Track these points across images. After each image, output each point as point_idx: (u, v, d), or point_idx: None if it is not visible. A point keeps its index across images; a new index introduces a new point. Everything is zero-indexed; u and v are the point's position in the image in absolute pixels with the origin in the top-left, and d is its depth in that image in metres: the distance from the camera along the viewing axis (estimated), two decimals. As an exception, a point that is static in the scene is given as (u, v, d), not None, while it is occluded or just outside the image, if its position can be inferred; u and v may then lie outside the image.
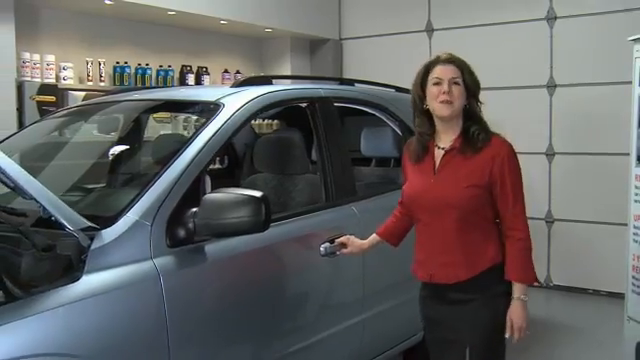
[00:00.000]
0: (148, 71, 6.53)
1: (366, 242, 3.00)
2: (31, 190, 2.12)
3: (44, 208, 2.17)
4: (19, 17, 5.37)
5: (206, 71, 7.11)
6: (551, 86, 6.63)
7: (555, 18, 6.59)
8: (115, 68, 6.32)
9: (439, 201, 2.59)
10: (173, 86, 6.63)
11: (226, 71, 7.40)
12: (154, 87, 6.07)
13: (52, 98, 5.60)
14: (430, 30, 7.37)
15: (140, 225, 2.37)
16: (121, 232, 2.32)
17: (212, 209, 2.43)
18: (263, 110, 3.09)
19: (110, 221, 2.36)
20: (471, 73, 2.64)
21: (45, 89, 5.58)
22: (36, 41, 5.72)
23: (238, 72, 7.52)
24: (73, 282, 2.17)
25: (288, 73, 7.76)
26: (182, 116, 4.61)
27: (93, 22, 6.17)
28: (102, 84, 6.16)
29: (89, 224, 2.24)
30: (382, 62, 7.47)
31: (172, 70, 6.79)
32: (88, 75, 6.07)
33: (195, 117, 3.96)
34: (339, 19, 8.13)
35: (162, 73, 6.69)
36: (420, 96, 2.66)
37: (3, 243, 2.23)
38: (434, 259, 2.64)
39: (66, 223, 2.16)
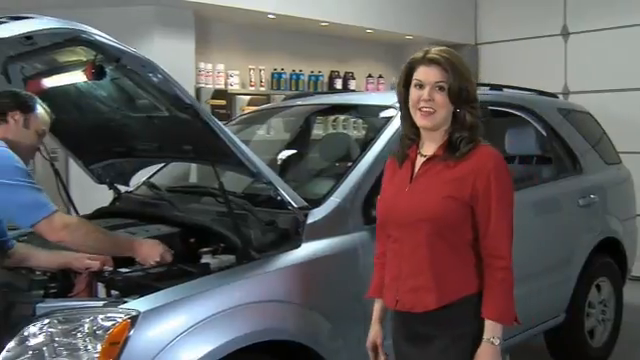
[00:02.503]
0: (301, 76, 7.22)
1: (379, 328, 2.47)
2: (268, 175, 2.76)
3: (275, 189, 2.79)
4: (196, 31, 6.18)
5: (352, 76, 7.72)
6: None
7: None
8: (273, 74, 7.05)
9: (411, 212, 2.23)
10: (324, 90, 7.29)
11: (370, 76, 7.98)
12: (330, 92, 6.68)
13: (223, 102, 6.40)
14: (566, 34, 7.62)
15: (342, 206, 2.96)
16: (328, 211, 2.92)
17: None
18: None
19: (317, 203, 2.97)
20: (460, 76, 2.20)
21: (217, 94, 6.38)
22: (209, 52, 6.52)
23: (380, 76, 8.08)
24: (295, 248, 2.79)
25: (426, 77, 8.23)
26: (351, 118, 5.21)
27: (255, 34, 6.92)
28: (262, 89, 6.91)
29: (305, 204, 2.85)
30: (517, 66, 7.78)
31: (322, 75, 7.46)
32: (250, 81, 6.83)
33: (361, 119, 4.51)
34: (475, 25, 8.51)
35: (313, 78, 7.37)
36: (403, 97, 2.29)
37: (234, 219, 2.87)
38: (402, 282, 2.26)
39: (292, 202, 2.79)
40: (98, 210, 3.65)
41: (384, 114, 3.53)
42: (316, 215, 2.89)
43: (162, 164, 4.03)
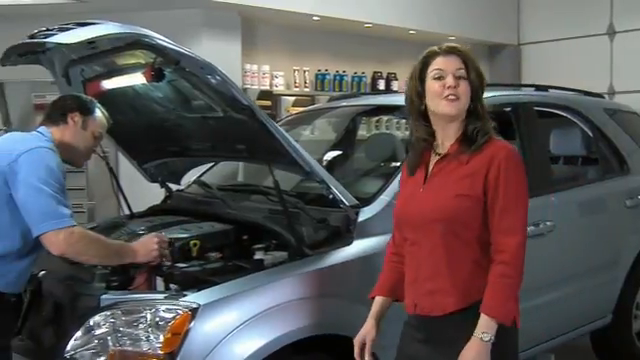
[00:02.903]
0: (345, 77, 7.30)
1: (373, 323, 2.36)
2: (321, 174, 2.84)
3: (327, 188, 2.87)
4: (242, 33, 6.30)
5: (395, 77, 7.77)
6: None
7: None
8: (317, 75, 7.15)
9: (424, 213, 2.18)
10: (366, 91, 7.35)
11: (412, 76, 8.02)
12: (374, 93, 6.73)
13: (268, 102, 6.51)
14: (612, 33, 7.56)
15: (391, 204, 3.01)
16: (378, 209, 2.99)
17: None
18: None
19: (367, 201, 3.03)
20: (476, 68, 2.19)
21: (263, 95, 6.49)
22: (255, 53, 6.64)
23: (422, 77, 8.10)
24: (347, 245, 2.86)
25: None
26: (394, 119, 5.27)
27: (299, 35, 7.01)
28: (306, 89, 7.01)
29: (357, 202, 2.92)
30: (561, 67, 7.75)
31: (365, 76, 7.52)
32: (295, 82, 6.93)
33: (405, 119, 4.56)
34: (518, 25, 8.49)
35: (356, 79, 7.44)
36: (419, 92, 2.20)
37: (288, 217, 2.96)
38: (420, 286, 2.21)
39: (344, 200, 2.86)
40: (151, 208, 3.76)
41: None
42: (367, 213, 2.96)
43: (211, 164, 4.13)
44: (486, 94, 3.84)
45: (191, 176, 4.10)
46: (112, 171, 3.51)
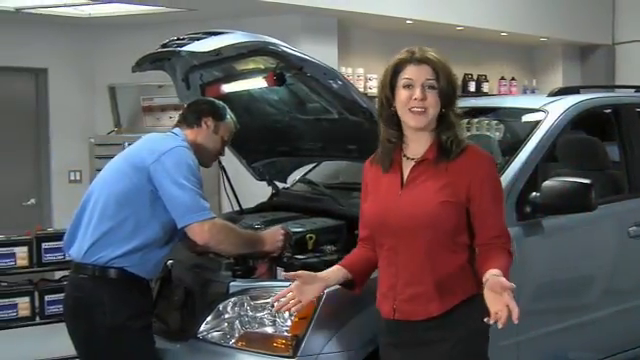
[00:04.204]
0: (436, 80, 7.39)
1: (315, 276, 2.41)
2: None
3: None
4: (338, 37, 6.51)
5: (485, 79, 7.82)
6: None
7: None
8: (409, 78, 7.26)
9: (408, 220, 2.21)
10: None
11: (502, 78, 8.05)
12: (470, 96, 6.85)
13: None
14: None
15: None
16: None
17: (551, 192, 3.13)
18: (580, 116, 3.72)
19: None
20: (448, 77, 2.24)
21: (362, 97, 6.65)
22: (349, 57, 6.83)
23: (513, 79, 8.12)
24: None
25: (560, 80, 8.21)
26: (491, 121, 5.34)
27: (393, 39, 7.14)
28: (399, 92, 7.13)
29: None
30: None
31: (456, 79, 7.58)
32: (387, 84, 7.07)
33: (503, 122, 4.64)
34: (612, 24, 8.36)
35: (447, 81, 7.51)
36: (389, 98, 2.27)
37: None
38: (400, 291, 2.25)
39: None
40: (260, 204, 3.98)
41: (532, 116, 3.68)
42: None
43: (314, 164, 4.30)
44: (585, 96, 3.95)
45: (294, 175, 4.30)
46: (224, 169, 3.70)
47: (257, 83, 3.29)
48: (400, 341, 2.28)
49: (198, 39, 2.94)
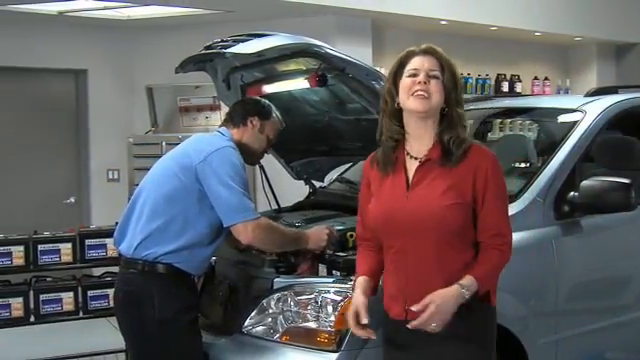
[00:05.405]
0: (469, 80, 7.42)
1: (360, 292, 2.37)
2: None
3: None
4: (372, 38, 6.55)
5: (518, 79, 7.82)
6: None
7: None
8: (442, 78, 7.29)
9: (416, 221, 2.22)
10: (491, 93, 7.44)
11: (536, 78, 8.03)
12: (506, 96, 6.86)
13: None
14: None
15: (536, 202, 3.17)
16: (524, 205, 3.14)
17: (589, 192, 3.15)
18: (619, 116, 3.73)
19: (512, 198, 3.19)
20: (453, 73, 2.27)
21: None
22: (383, 57, 6.87)
23: (546, 79, 8.10)
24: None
25: (594, 80, 8.17)
26: (525, 121, 5.35)
27: (426, 39, 7.11)
28: (432, 92, 7.16)
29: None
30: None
31: (489, 79, 7.61)
32: (421, 84, 7.10)
33: (538, 122, 4.65)
34: (648, 23, 8.31)
35: (480, 81, 7.54)
36: (392, 91, 2.31)
37: None
38: (411, 292, 2.25)
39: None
40: (299, 203, 4.04)
41: (570, 117, 3.70)
42: (513, 209, 3.11)
43: (350, 163, 4.35)
44: (623, 96, 3.95)
45: (330, 175, 4.35)
46: (262, 168, 3.74)
47: (299, 84, 3.36)
48: (409, 341, 2.30)
49: (242, 41, 3.01)
